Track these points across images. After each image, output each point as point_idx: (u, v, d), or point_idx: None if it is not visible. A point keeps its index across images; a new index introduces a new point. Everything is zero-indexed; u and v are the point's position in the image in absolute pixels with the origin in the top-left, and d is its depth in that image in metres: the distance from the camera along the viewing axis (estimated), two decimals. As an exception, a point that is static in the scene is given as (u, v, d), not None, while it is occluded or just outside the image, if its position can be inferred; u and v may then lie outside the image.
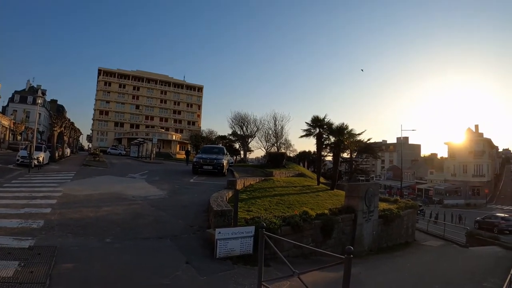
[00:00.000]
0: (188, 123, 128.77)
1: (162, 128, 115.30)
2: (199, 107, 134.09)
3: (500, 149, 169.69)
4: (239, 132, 69.58)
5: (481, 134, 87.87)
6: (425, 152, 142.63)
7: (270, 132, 68.59)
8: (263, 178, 24.90)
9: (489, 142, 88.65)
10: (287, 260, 5.72)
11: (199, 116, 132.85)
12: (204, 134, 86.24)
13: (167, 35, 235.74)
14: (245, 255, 9.54)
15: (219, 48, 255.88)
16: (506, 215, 42.43)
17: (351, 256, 4.18)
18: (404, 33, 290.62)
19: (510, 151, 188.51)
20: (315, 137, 28.33)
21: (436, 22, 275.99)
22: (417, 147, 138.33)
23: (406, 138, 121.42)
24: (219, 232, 9.22)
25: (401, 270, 14.46)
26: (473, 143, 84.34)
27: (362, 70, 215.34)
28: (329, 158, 33.27)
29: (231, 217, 10.77)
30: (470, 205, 71.32)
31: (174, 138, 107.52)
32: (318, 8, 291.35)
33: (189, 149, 63.32)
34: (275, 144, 68.38)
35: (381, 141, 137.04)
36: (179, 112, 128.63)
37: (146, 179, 22.31)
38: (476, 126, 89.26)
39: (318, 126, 27.90)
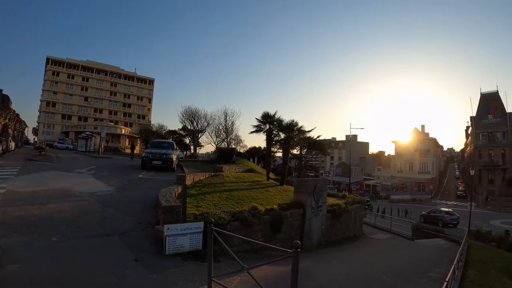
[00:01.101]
0: (138, 116, 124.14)
1: (111, 121, 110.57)
2: (150, 100, 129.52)
3: (445, 148, 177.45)
4: (189, 127, 68.36)
5: (427, 134, 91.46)
6: (373, 149, 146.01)
7: (221, 128, 67.91)
8: (212, 174, 24.81)
9: (434, 141, 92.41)
10: (237, 255, 5.81)
11: (149, 109, 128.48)
12: (154, 129, 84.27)
13: (119, 26, 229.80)
14: (194, 251, 9.56)
15: (172, 41, 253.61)
16: (450, 210, 44.44)
17: (299, 250, 4.32)
18: (354, 36, 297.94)
19: (454, 150, 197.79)
20: (265, 133, 28.36)
21: (386, 27, 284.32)
22: (365, 145, 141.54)
23: (355, 136, 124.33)
24: (168, 228, 9.21)
25: (350, 263, 14.86)
26: (419, 142, 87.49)
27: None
28: (279, 154, 33.55)
29: (180, 213, 10.73)
30: (416, 200, 73.59)
31: (123, 132, 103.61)
32: (276, 6, 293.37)
33: (134, 144, 61.91)
34: (226, 140, 67.88)
35: (330, 138, 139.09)
36: (129, 105, 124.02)
37: (94, 174, 21.72)
38: (422, 126, 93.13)
39: (268, 123, 27.94)
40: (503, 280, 13.90)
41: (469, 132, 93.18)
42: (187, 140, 71.02)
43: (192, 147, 70.24)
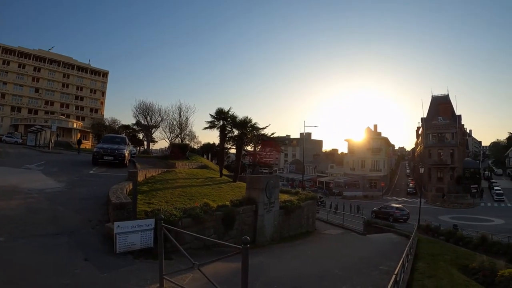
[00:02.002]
0: (91, 110, 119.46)
1: (62, 114, 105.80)
2: (103, 93, 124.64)
3: (396, 148, 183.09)
4: (143, 122, 67.11)
5: (379, 133, 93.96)
6: (326, 147, 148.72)
7: (175, 123, 66.83)
8: (165, 170, 24.55)
9: (386, 140, 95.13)
10: (189, 252, 5.80)
11: (102, 103, 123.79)
12: (107, 123, 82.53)
13: (73, 15, 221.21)
14: (146, 249, 9.43)
15: (127, 34, 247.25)
16: (400, 206, 46.28)
17: (248, 246, 4.31)
18: (310, 36, 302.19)
19: (405, 149, 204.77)
20: (219, 130, 28.30)
21: (342, 28, 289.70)
22: (319, 143, 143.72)
23: (309, 134, 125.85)
24: (118, 226, 9.02)
25: (302, 258, 14.97)
26: (372, 141, 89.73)
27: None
28: (233, 150, 33.49)
29: (131, 210, 10.54)
30: (368, 197, 75.45)
31: (75, 126, 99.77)
32: (236, 5, 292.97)
33: (81, 138, 60.35)
34: (180, 136, 66.96)
35: (285, 136, 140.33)
36: (82, 98, 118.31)
37: (43, 170, 20.91)
38: (375, 126, 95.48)
39: (222, 119, 27.89)
40: (451, 271, 14.42)
41: (419, 132, 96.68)
42: (140, 136, 69.89)
43: (145, 143, 69.14)
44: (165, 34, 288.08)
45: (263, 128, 33.36)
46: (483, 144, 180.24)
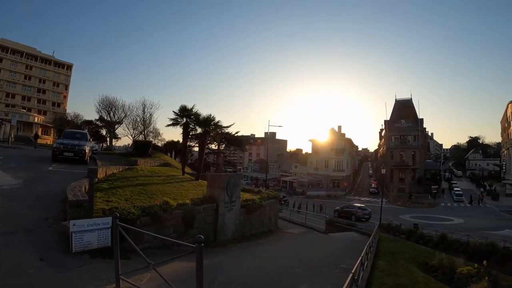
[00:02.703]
0: (53, 104, 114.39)
1: (23, 108, 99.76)
2: (67, 87, 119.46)
3: (360, 149, 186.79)
4: (106, 118, 65.89)
5: (343, 134, 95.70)
6: (291, 147, 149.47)
7: (138, 119, 66.04)
8: (126, 167, 24.09)
9: (349, 141, 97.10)
10: (148, 251, 5.73)
11: (65, 97, 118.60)
12: (69, 118, 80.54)
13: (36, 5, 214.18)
14: (103, 248, 9.21)
15: (92, 26, 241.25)
16: (362, 205, 47.21)
17: (202, 245, 4.24)
18: (276, 36, 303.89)
19: (368, 150, 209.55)
20: (182, 127, 28.04)
21: (310, 29, 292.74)
22: (283, 142, 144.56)
23: (274, 134, 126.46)
24: (74, 224, 8.77)
25: (264, 257, 15.02)
26: (335, 141, 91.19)
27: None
28: (197, 148, 33.27)
29: (88, 208, 10.29)
30: (331, 196, 76.30)
31: (36, 120, 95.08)
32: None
33: (37, 132, 58.74)
34: (143, 132, 66.15)
35: (249, 135, 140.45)
36: (44, 92, 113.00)
37: (0, 166, 20.25)
38: (339, 127, 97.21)
39: (185, 116, 27.58)
40: (411, 269, 14.71)
41: (382, 134, 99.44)
42: (103, 132, 68.54)
43: (108, 139, 67.92)
44: (132, 29, 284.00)
45: (227, 127, 33.26)
46: (444, 147, 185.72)
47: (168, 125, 28.57)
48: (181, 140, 33.16)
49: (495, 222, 45.95)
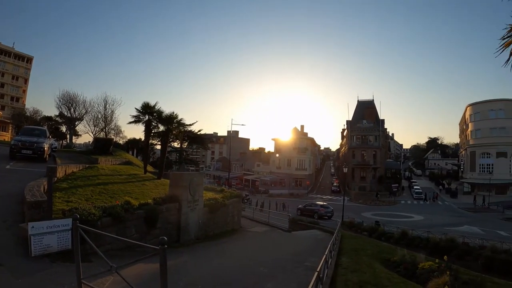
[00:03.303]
0: (12, 99, 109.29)
1: None
2: (26, 81, 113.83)
3: (322, 148, 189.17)
4: (66, 114, 63.84)
5: (306, 134, 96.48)
6: (253, 146, 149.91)
7: (100, 116, 64.31)
8: (87, 166, 23.52)
9: (312, 141, 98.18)
10: (111, 253, 5.60)
11: (24, 91, 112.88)
12: (28, 113, 77.95)
13: None
14: (64, 251, 9.03)
15: (52, 18, 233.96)
16: (324, 203, 47.86)
17: (165, 246, 4.16)
18: (240, 35, 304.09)
19: (330, 149, 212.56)
20: (144, 124, 27.67)
21: (272, 29, 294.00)
22: (246, 141, 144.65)
23: (236, 132, 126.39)
24: (32, 227, 8.59)
25: (228, 256, 15.07)
26: (298, 140, 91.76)
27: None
28: (160, 146, 32.90)
29: (47, 209, 9.98)
30: (293, 195, 76.89)
31: None
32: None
33: None
34: (104, 130, 64.54)
35: (212, 133, 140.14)
36: (2, 85, 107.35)
37: (-47, 165, 19.45)
38: (302, 126, 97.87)
39: (148, 113, 27.23)
40: (374, 265, 14.98)
41: (345, 134, 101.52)
42: (63, 128, 66.70)
43: (68, 136, 66.12)
44: (94, 23, 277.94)
45: (190, 125, 33.24)
46: (404, 147, 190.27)
47: (130, 122, 28.16)
48: (143, 138, 32.61)
49: (454, 218, 47.75)
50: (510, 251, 22.28)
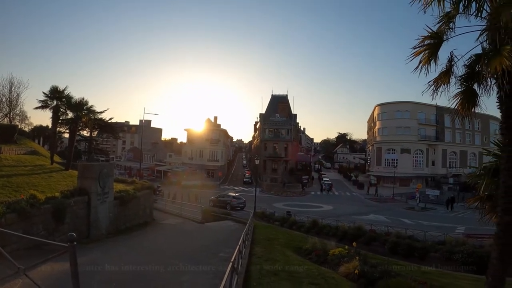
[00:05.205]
0: None
1: None
2: None
3: (235, 140, 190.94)
4: None
5: (219, 125, 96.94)
6: (166, 136, 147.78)
7: (4, 100, 59.85)
8: (-13, 156, 22.13)
9: (225, 132, 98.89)
10: (19, 253, 5.27)
11: None
12: None
13: None
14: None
15: None
16: (237, 194, 48.39)
17: (75, 243, 3.99)
18: (159, 27, 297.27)
19: (243, 141, 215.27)
20: (52, 110, 26.31)
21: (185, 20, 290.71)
22: (158, 131, 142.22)
23: (149, 122, 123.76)
24: None
25: (141, 250, 14.84)
26: (211, 132, 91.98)
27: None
28: (68, 135, 31.25)
29: None
30: (206, 186, 76.68)
31: None
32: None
33: None
34: (8, 115, 60.10)
35: (124, 122, 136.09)
36: None
37: None
38: (215, 118, 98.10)
39: (56, 98, 25.92)
40: (287, 253, 15.50)
41: (257, 127, 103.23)
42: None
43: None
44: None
45: (100, 112, 31.88)
46: (315, 141, 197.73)
47: (37, 108, 26.78)
48: (50, 125, 30.93)
49: (361, 208, 50.92)
50: (413, 237, 24.43)
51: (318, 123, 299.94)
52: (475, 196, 8.48)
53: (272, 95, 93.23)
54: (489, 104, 7.28)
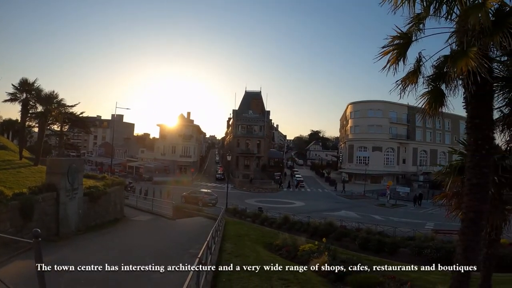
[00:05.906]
0: None
1: None
2: None
3: (208, 136, 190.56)
4: None
5: (192, 121, 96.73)
6: (138, 131, 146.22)
7: None
8: (-48, 151, 21.63)
9: (197, 128, 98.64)
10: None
11: None
12: None
13: None
14: None
15: None
16: (209, 191, 48.75)
17: (39, 239, 3.94)
18: (131, 19, 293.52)
19: (215, 138, 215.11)
20: (21, 104, 25.83)
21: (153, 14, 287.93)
22: (130, 126, 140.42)
23: (121, 116, 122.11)
24: None
25: (112, 248, 14.74)
26: (183, 127, 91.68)
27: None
28: (38, 129, 30.76)
29: None
30: (178, 182, 76.35)
31: None
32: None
33: None
34: (-23, 109, 59.02)
35: (95, 116, 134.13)
36: None
37: None
38: (188, 113, 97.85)
39: (25, 91, 25.48)
40: (257, 249, 15.63)
41: (230, 123, 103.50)
42: None
43: None
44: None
45: (71, 106, 31.59)
46: (288, 138, 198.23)
47: (6, 101, 26.29)
48: (19, 119, 30.36)
49: (332, 204, 51.59)
50: (383, 233, 25.06)
51: (292, 120, 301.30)
52: (442, 193, 8.73)
53: (245, 91, 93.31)
54: (456, 104, 7.47)
